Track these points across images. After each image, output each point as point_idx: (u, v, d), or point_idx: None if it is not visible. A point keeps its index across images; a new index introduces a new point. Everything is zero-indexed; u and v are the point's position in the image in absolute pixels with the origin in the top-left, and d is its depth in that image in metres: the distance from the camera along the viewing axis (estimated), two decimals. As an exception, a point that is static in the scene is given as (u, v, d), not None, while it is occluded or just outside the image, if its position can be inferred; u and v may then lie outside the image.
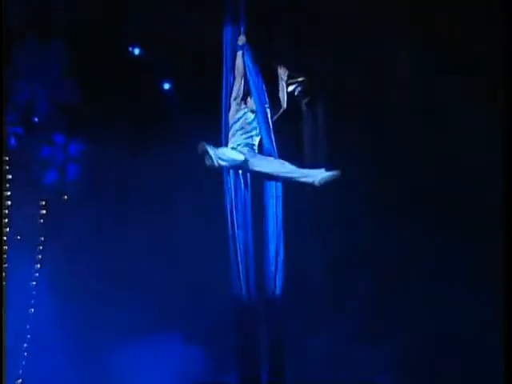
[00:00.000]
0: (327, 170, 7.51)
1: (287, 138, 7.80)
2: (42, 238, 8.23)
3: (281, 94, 7.67)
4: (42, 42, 8.24)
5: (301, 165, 7.70)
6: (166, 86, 8.89)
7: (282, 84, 7.73)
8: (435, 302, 9.54)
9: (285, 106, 7.59)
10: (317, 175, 7.21)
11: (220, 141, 7.08)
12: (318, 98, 8.12)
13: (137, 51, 8.66)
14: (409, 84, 9.59)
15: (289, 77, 8.15)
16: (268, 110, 7.26)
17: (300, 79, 8.18)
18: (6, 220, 7.88)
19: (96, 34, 8.32)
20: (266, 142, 7.15)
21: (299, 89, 8.21)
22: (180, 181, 8.46)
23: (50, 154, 8.33)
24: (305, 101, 8.23)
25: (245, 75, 7.19)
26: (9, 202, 7.98)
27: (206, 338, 8.65)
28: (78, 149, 8.37)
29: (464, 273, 9.48)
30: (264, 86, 7.25)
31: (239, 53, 7.15)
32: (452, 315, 9.46)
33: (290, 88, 8.20)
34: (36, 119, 8.34)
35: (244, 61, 7.15)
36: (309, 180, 7.18)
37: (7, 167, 7.97)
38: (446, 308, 9.54)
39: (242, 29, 7.19)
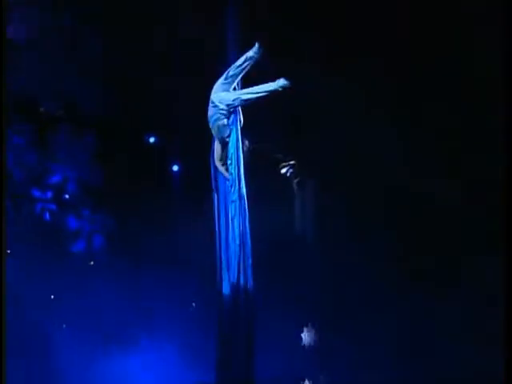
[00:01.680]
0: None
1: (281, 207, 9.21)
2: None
3: None
4: (74, 132, 9.44)
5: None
6: (175, 168, 10.26)
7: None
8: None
9: None
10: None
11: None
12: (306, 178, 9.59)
13: (152, 139, 10.01)
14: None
15: (282, 160, 9.63)
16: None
17: (291, 162, 9.68)
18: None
19: (119, 126, 9.55)
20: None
21: (291, 170, 9.70)
22: (189, 250, 9.44)
23: (78, 226, 9.49)
24: (295, 180, 9.70)
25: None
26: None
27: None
28: (102, 222, 9.54)
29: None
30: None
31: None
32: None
33: (283, 170, 9.69)
34: (67, 197, 9.56)
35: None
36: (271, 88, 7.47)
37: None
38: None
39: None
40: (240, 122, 7.59)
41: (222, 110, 7.47)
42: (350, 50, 9.43)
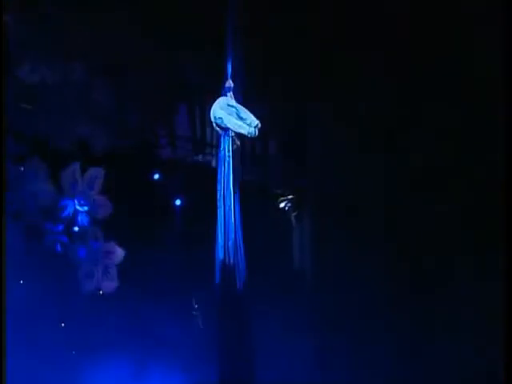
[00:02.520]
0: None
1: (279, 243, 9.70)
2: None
3: None
4: (83, 168, 9.96)
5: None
6: (178, 202, 10.74)
7: None
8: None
9: None
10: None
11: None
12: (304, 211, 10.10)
13: (156, 176, 10.53)
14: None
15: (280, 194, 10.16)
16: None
17: (290, 197, 10.21)
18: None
19: (126, 164, 10.07)
20: None
21: (289, 204, 10.23)
22: (192, 276, 9.88)
23: (88, 257, 9.96)
24: (293, 214, 10.23)
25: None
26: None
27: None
28: (110, 253, 10.02)
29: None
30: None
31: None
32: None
33: (282, 204, 10.22)
34: (76, 229, 10.07)
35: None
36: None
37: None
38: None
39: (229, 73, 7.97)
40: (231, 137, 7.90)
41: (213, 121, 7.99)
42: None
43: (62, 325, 9.64)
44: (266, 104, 9.44)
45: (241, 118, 7.95)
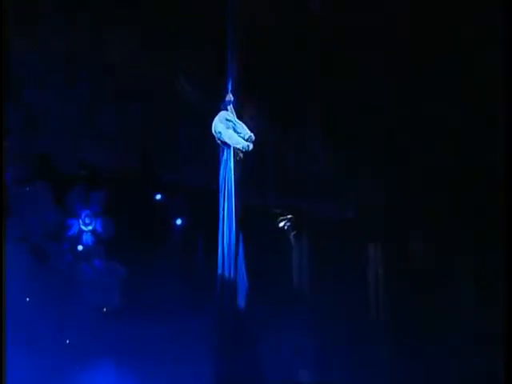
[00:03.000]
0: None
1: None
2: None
3: None
4: (88, 190, 10.27)
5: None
6: (178, 222, 10.99)
7: None
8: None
9: None
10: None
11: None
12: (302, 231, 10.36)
13: (158, 196, 10.78)
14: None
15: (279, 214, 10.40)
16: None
17: (289, 216, 10.47)
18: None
19: (130, 185, 10.36)
20: None
21: (288, 224, 10.48)
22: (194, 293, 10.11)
23: (92, 276, 10.20)
24: (292, 233, 10.50)
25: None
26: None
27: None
28: (114, 272, 10.26)
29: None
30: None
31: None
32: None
33: (281, 224, 10.45)
34: (81, 248, 10.32)
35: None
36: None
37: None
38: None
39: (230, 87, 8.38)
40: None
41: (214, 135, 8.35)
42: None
43: (67, 341, 9.85)
44: (263, 124, 9.68)
45: (237, 133, 8.27)
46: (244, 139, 8.29)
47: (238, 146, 8.28)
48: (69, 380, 9.77)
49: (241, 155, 8.37)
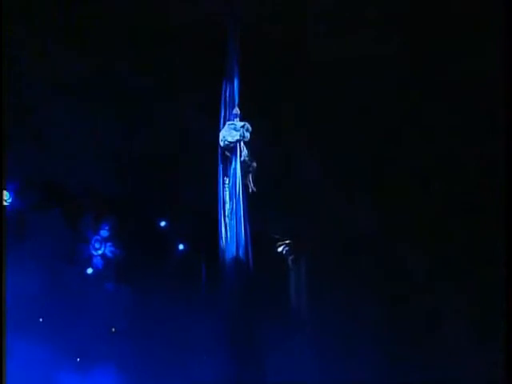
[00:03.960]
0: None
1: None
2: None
3: None
4: (98, 216, 10.86)
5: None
6: (181, 247, 11.59)
7: None
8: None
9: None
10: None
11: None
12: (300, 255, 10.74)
13: (163, 223, 11.46)
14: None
15: (278, 240, 10.94)
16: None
17: (287, 241, 10.95)
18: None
19: (136, 212, 11.02)
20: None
21: (286, 248, 11.00)
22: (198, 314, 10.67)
23: (101, 296, 10.73)
24: (290, 257, 10.93)
25: None
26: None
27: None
28: (124, 295, 10.84)
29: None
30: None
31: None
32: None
33: (280, 248, 10.98)
34: (91, 271, 10.89)
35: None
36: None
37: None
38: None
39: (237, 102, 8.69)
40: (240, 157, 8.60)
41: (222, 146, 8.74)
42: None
43: (77, 360, 10.37)
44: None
45: (236, 130, 8.67)
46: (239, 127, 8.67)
47: (236, 138, 8.65)
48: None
49: (254, 165, 8.80)
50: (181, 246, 11.59)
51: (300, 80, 10.19)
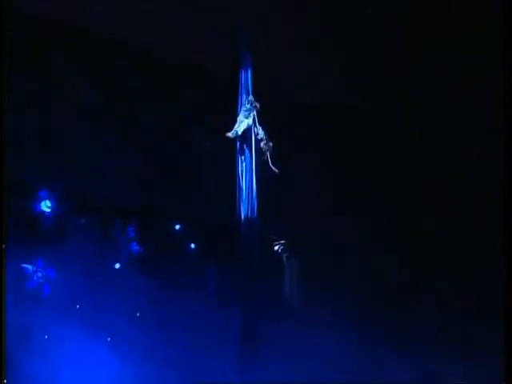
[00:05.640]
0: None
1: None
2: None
3: None
4: (124, 222, 12.87)
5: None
6: (192, 246, 13.40)
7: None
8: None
9: None
10: None
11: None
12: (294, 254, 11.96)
13: (177, 226, 13.28)
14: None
15: (274, 239, 12.29)
16: None
17: (282, 241, 12.14)
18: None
19: (153, 217, 12.86)
20: None
21: (281, 247, 12.13)
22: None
23: (128, 289, 12.57)
24: (285, 255, 12.12)
25: None
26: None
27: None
28: (146, 285, 12.66)
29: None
30: None
31: None
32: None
33: (276, 247, 12.36)
34: (118, 266, 12.76)
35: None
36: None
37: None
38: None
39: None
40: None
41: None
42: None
43: (108, 339, 12.36)
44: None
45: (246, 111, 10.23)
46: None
47: (246, 113, 10.16)
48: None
49: (270, 144, 10.19)
50: (192, 245, 13.50)
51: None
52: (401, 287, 11.21)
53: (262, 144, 10.24)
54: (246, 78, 10.45)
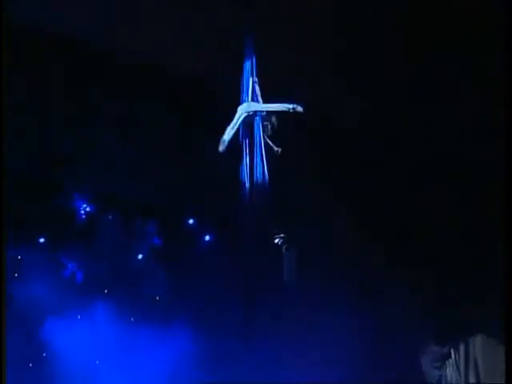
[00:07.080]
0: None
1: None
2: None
3: None
4: (142, 219, 14.63)
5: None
6: (207, 238, 14.78)
7: None
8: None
9: None
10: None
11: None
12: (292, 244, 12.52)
13: (191, 221, 14.73)
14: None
15: (274, 233, 13.02)
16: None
17: (282, 235, 12.63)
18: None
19: (170, 213, 14.32)
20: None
21: (281, 240, 12.68)
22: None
23: (149, 277, 14.40)
24: (284, 247, 12.72)
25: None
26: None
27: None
28: (164, 273, 14.40)
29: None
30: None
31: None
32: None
33: (276, 240, 12.85)
34: (140, 256, 14.64)
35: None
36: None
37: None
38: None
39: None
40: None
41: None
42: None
43: (131, 319, 14.13)
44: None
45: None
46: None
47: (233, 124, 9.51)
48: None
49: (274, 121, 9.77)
50: (207, 237, 15.00)
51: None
52: (400, 287, 11.57)
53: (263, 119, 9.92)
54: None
